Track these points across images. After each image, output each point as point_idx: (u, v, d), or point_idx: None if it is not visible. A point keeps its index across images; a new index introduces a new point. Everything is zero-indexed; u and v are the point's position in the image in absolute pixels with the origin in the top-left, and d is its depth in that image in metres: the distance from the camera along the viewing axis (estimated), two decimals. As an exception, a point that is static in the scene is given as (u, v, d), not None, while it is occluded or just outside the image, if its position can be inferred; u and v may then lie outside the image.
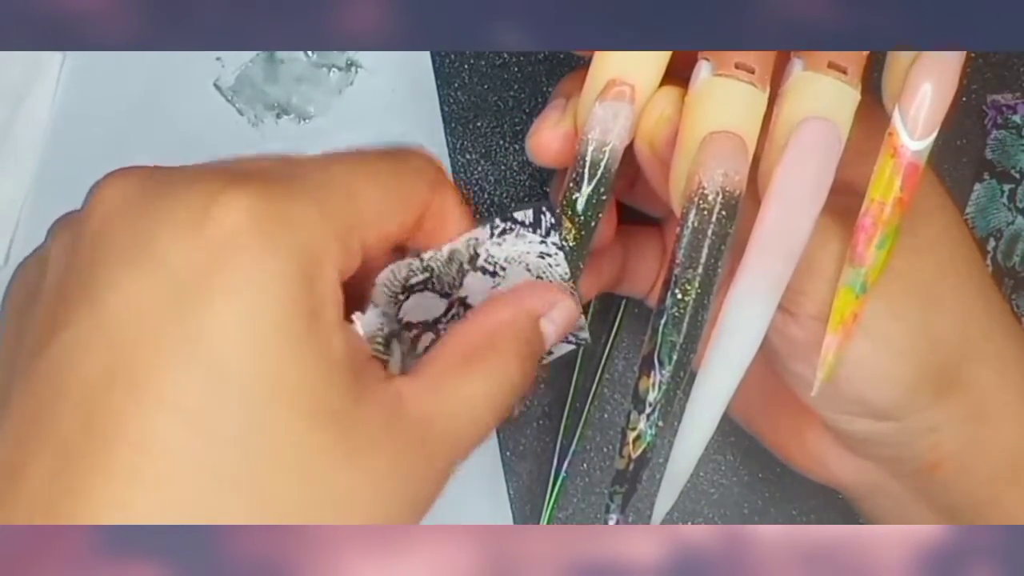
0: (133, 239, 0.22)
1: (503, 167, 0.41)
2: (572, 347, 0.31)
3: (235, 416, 0.22)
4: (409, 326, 0.29)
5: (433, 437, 0.25)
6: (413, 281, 0.29)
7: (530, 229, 0.29)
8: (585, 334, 0.31)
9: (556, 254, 0.29)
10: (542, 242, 0.29)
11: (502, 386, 0.27)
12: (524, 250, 0.29)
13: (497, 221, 0.29)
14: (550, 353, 0.31)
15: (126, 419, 0.21)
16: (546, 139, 0.30)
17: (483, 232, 0.29)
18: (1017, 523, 0.31)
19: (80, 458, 0.22)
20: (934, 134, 0.27)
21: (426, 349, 0.30)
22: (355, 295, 0.28)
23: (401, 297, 0.29)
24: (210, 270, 0.22)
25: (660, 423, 0.28)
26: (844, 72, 0.27)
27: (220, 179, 0.23)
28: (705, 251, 0.27)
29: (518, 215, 0.29)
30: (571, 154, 0.29)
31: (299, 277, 0.22)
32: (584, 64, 0.29)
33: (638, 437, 0.28)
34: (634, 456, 0.28)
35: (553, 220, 0.29)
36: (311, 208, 0.23)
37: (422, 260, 0.29)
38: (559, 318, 0.29)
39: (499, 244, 0.29)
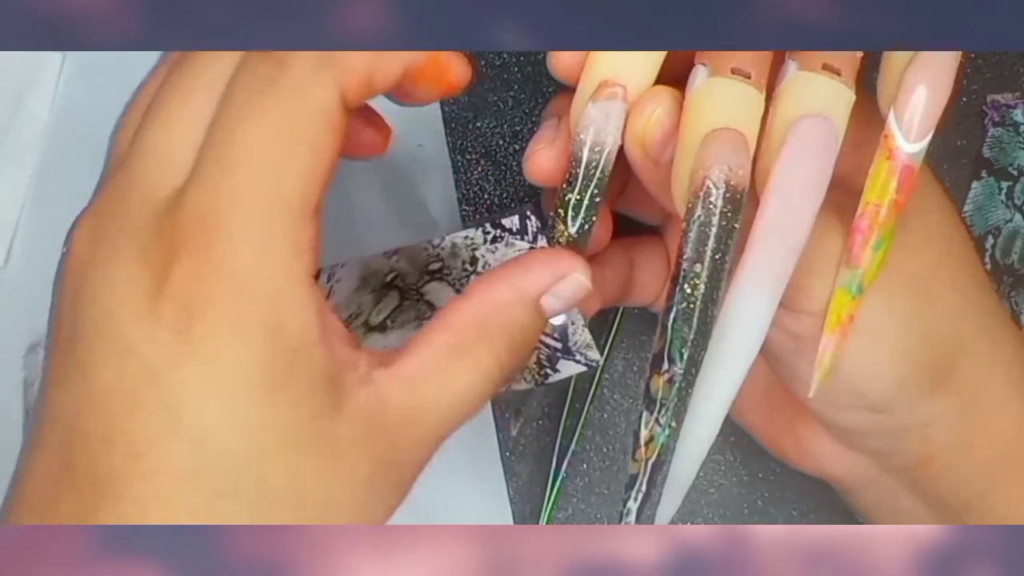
0: (98, 319, 0.24)
1: (503, 167, 0.41)
2: (582, 368, 0.31)
3: (223, 470, 0.24)
4: (431, 307, 0.30)
5: (415, 432, 0.26)
6: (432, 267, 0.29)
7: (518, 236, 0.29)
8: (595, 354, 0.30)
9: None
10: (531, 247, 0.29)
11: (489, 377, 0.27)
12: (514, 256, 0.30)
13: (488, 227, 0.29)
14: (557, 372, 0.30)
15: (131, 480, 0.24)
16: (542, 160, 0.30)
17: (477, 234, 0.29)
18: (1007, 519, 0.31)
19: (94, 514, 0.24)
20: (929, 137, 0.27)
21: None
22: None
23: (425, 277, 0.30)
24: (176, 348, 0.24)
25: (673, 423, 0.27)
26: (838, 74, 0.27)
27: (163, 247, 0.24)
28: (711, 245, 0.27)
29: (505, 222, 0.29)
30: (568, 169, 0.29)
31: (265, 331, 0.24)
32: (571, 89, 0.29)
33: (651, 439, 0.28)
34: (648, 460, 0.28)
35: (539, 223, 0.29)
36: (253, 253, 0.24)
37: (433, 246, 0.29)
38: (565, 292, 0.28)
39: (492, 252, 0.29)
